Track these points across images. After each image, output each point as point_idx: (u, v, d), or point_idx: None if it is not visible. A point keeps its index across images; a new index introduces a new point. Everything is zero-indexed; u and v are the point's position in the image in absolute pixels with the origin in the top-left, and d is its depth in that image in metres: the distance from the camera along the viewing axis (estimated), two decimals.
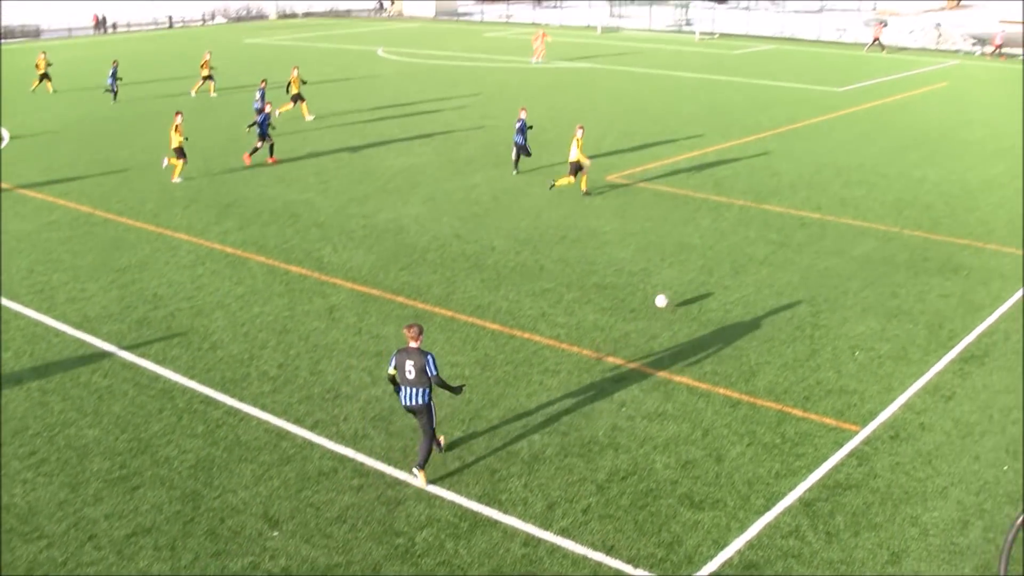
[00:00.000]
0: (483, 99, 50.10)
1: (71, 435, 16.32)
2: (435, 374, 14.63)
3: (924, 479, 15.11)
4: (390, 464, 15.42)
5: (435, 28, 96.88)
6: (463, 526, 13.90)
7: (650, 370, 18.76)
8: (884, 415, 17.08)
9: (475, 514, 14.20)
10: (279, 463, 15.47)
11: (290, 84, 43.51)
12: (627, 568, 13.03)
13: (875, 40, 76.62)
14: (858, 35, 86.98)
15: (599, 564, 13.10)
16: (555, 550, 13.38)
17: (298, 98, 43.53)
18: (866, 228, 28.00)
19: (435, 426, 15.11)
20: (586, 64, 65.50)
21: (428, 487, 14.78)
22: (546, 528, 13.86)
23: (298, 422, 16.75)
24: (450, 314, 21.43)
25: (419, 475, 14.93)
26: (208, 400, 17.56)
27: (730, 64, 66.64)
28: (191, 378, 18.38)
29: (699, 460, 15.61)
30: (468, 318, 21.21)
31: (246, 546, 13.44)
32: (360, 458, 15.61)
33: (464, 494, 14.66)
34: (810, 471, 15.30)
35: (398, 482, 14.97)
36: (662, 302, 21.61)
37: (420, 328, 14.88)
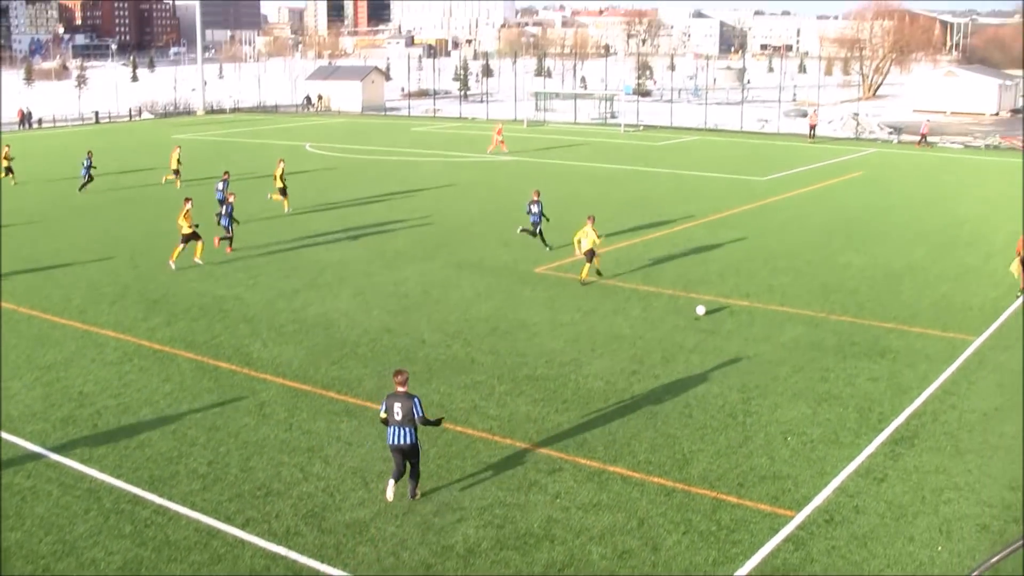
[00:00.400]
0: (411, 193, 50.30)
1: None
2: (421, 415, 16.34)
3: (860, 562, 15.12)
4: (323, 561, 15.14)
5: (362, 123, 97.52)
6: None
7: (584, 460, 18.69)
8: (818, 499, 17.13)
9: None
10: (210, 563, 15.12)
11: (275, 176, 44.64)
12: None
13: (812, 128, 78.92)
14: (779, 126, 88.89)
15: None
16: None
17: (283, 191, 44.49)
18: (794, 314, 28.34)
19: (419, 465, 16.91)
20: (513, 158, 66.14)
21: None
22: None
23: (229, 520, 16.42)
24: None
25: (414, 488, 16.92)
26: (136, 499, 17.17)
27: (655, 155, 67.69)
28: (118, 477, 17.98)
29: (636, 550, 15.50)
30: None
31: None
32: (293, 556, 15.30)
33: None
34: (747, 557, 15.25)
35: None
36: (701, 311, 27.68)
37: (406, 374, 16.62)
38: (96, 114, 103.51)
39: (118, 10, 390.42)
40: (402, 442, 16.33)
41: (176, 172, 52.74)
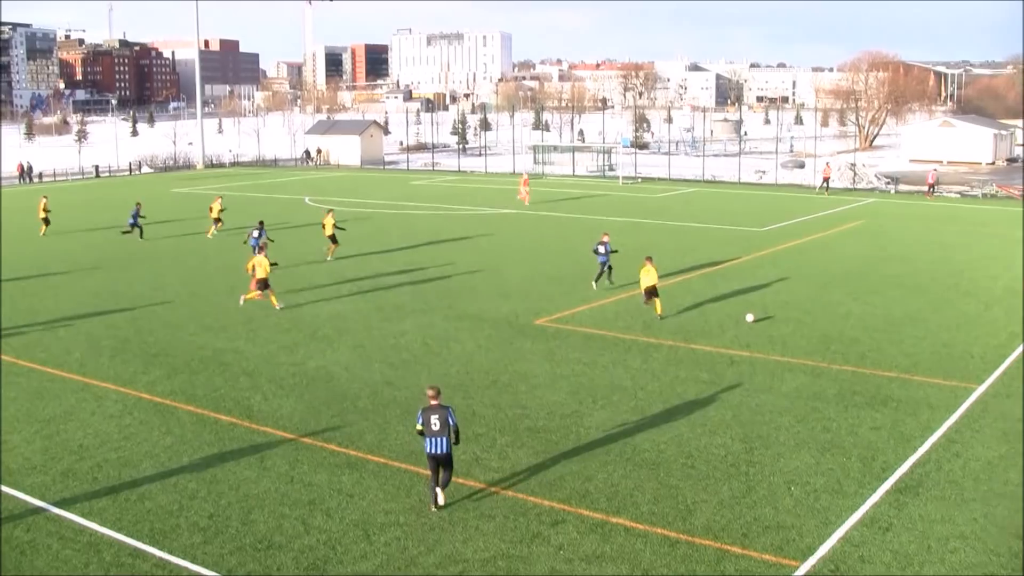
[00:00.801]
0: (410, 246, 50.40)
1: None
2: (454, 423, 18.28)
3: None
4: None
5: (361, 176, 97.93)
6: None
7: (586, 512, 18.60)
8: (823, 549, 17.02)
9: None
10: None
11: (324, 226, 46.69)
12: None
13: (825, 180, 79.06)
14: (777, 177, 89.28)
15: None
16: None
17: (332, 239, 46.39)
18: (795, 364, 28.31)
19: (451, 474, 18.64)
20: (512, 210, 66.37)
21: None
22: None
23: (230, 574, 16.31)
24: (383, 460, 21.17)
25: (440, 496, 18.45)
26: (136, 553, 17.06)
27: (654, 207, 67.91)
28: (118, 530, 17.88)
29: None
30: (401, 464, 20.95)
31: None
32: None
33: None
34: None
35: None
36: (751, 319, 32.14)
37: (438, 388, 18.78)
38: (96, 168, 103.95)
39: (118, 65, 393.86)
40: (439, 451, 18.14)
41: (217, 220, 54.72)
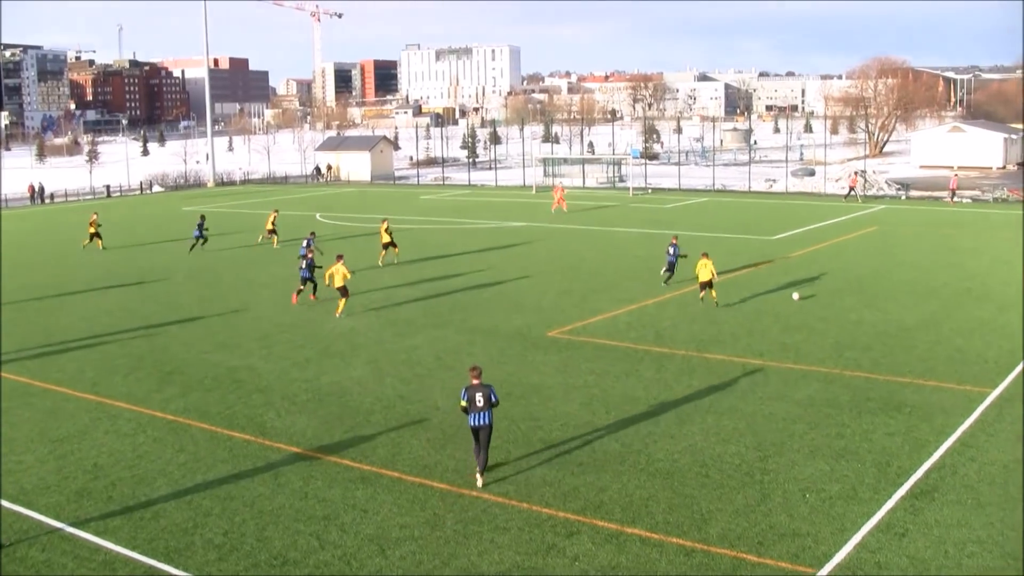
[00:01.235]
0: (420, 261, 50.45)
1: None
2: (496, 399, 20.47)
3: None
4: None
5: (372, 192, 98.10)
6: None
7: (601, 523, 18.56)
8: (839, 556, 16.96)
9: None
10: None
11: (381, 234, 49.74)
12: None
13: (851, 189, 78.93)
14: (787, 185, 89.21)
15: None
16: None
17: (390, 245, 49.37)
18: (808, 371, 28.24)
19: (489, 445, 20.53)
20: (522, 223, 66.40)
21: None
22: None
23: None
24: (397, 475, 21.15)
25: (479, 479, 20.23)
26: (152, 571, 17.07)
27: (664, 217, 67.90)
28: (133, 549, 17.89)
29: None
30: (415, 478, 20.94)
31: None
32: None
33: None
34: None
35: None
36: (796, 296, 36.58)
37: (480, 368, 20.78)
38: (107, 188, 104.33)
39: (128, 85, 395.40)
40: (482, 423, 20.24)
41: (272, 231, 57.28)
